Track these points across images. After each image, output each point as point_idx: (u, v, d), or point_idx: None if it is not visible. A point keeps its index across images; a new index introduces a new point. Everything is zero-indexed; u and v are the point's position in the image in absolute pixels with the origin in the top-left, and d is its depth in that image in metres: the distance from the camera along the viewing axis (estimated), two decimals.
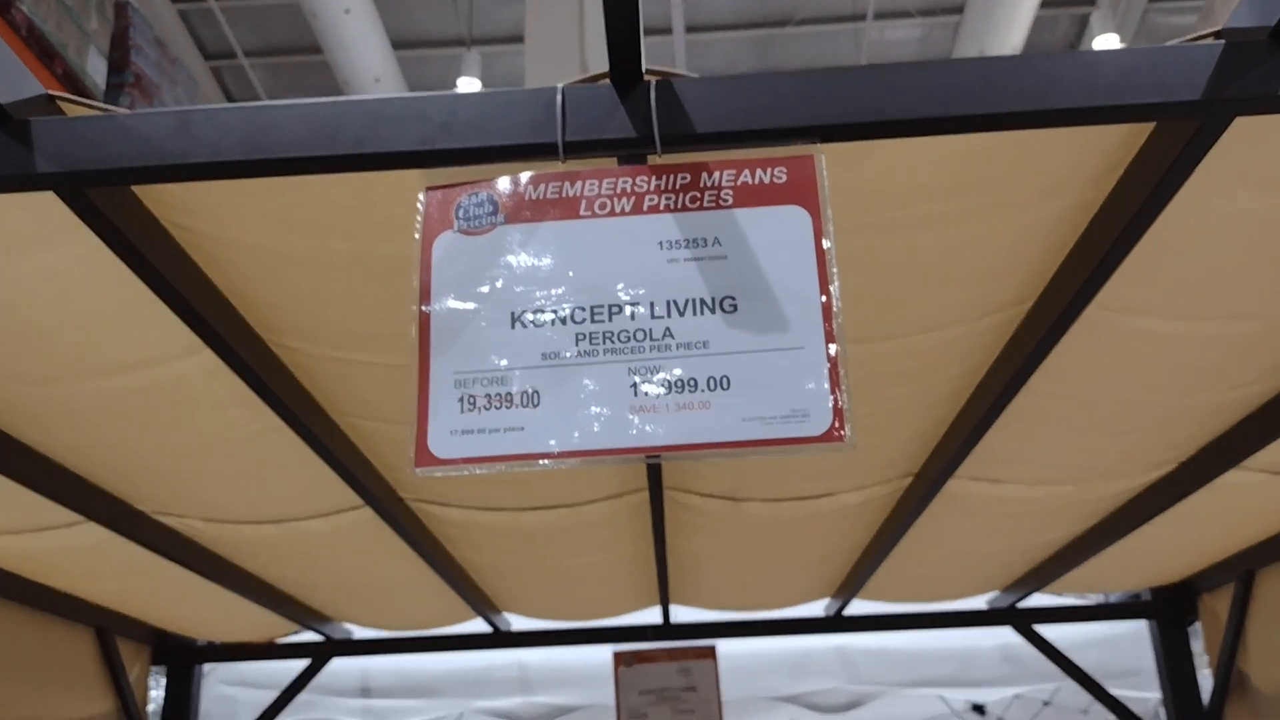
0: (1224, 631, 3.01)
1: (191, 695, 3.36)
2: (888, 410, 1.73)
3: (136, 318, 1.33)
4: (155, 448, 1.74)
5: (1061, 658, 3.27)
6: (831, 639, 3.68)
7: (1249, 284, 1.35)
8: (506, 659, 3.75)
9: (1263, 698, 2.89)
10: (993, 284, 1.35)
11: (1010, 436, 1.90)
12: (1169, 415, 1.78)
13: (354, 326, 1.38)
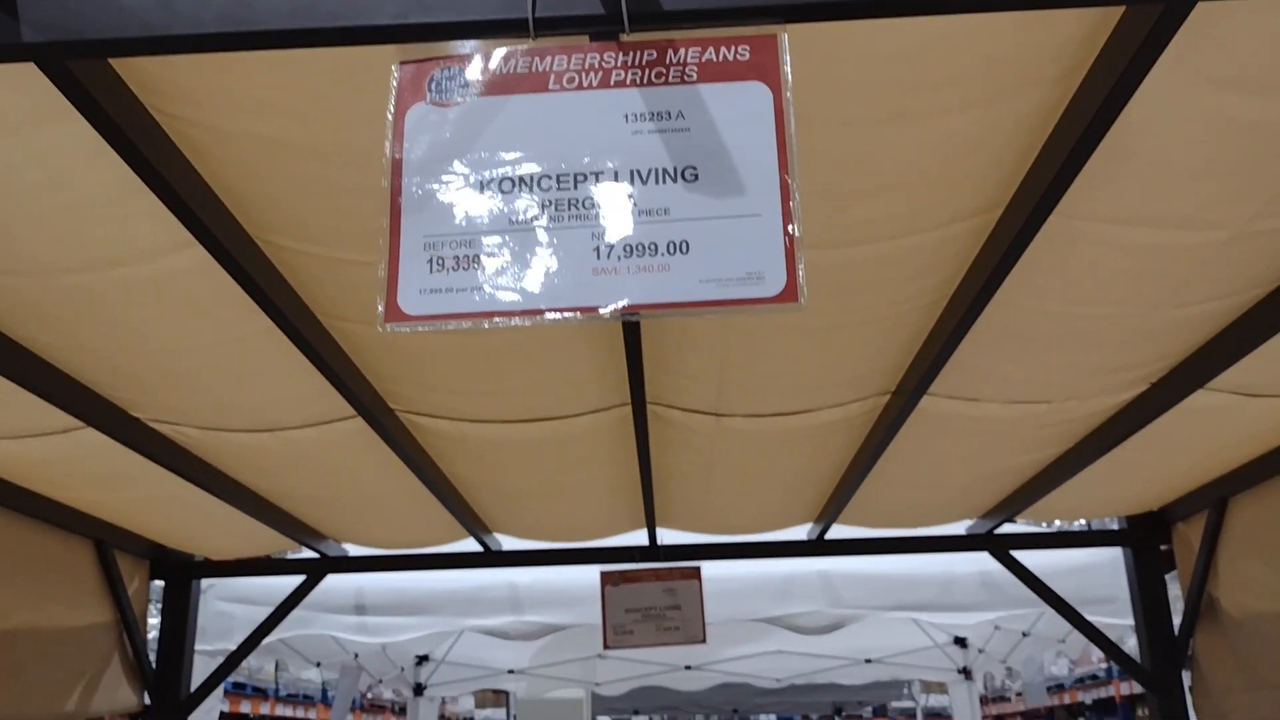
0: (1196, 558, 3.08)
1: (189, 611, 3.44)
2: (863, 321, 1.77)
3: (126, 209, 1.36)
4: (147, 348, 1.78)
5: (1038, 584, 3.34)
6: (814, 564, 3.76)
7: (1216, 189, 1.38)
8: (497, 579, 3.83)
9: (1231, 621, 2.97)
10: (960, 187, 1.38)
11: (984, 352, 1.94)
12: (1136, 330, 1.82)
13: (340, 222, 1.41)
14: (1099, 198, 1.41)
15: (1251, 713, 2.94)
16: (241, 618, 3.64)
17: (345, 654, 5.08)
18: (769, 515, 3.29)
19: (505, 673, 6.71)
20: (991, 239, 1.51)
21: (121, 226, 1.40)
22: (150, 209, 1.36)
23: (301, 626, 3.74)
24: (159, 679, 3.32)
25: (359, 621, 3.80)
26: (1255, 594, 2.83)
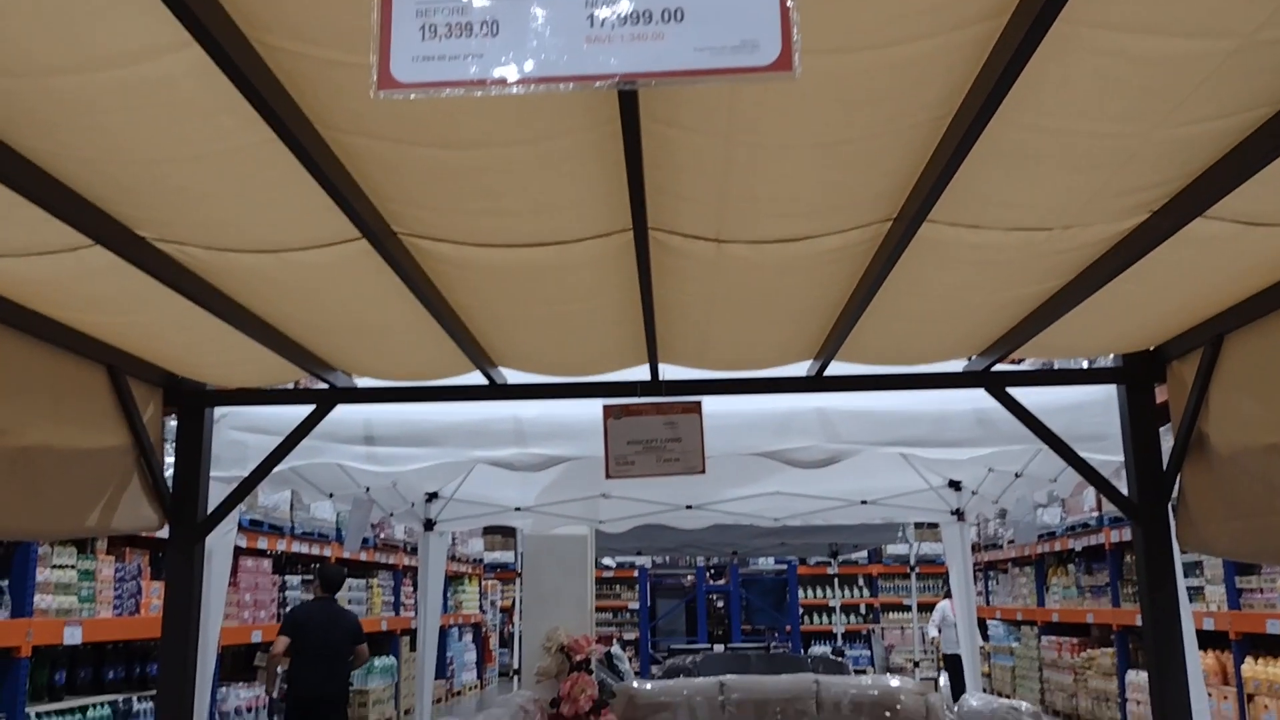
0: (1188, 394, 3.14)
1: (203, 438, 3.53)
2: (866, 135, 1.76)
3: (118, 2, 1.35)
4: (146, 158, 1.79)
5: (1032, 419, 3.41)
6: (812, 401, 3.83)
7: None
8: (503, 413, 3.92)
9: (1218, 457, 3.04)
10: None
11: (985, 176, 1.94)
12: (1138, 151, 1.81)
13: (341, 18, 1.40)
14: (1106, 1, 1.39)
15: (1232, 541, 3.05)
16: (255, 446, 3.74)
17: (357, 487, 5.24)
18: (769, 352, 3.34)
19: (512, 510, 6.93)
20: (998, 47, 1.49)
21: (114, 19, 1.39)
22: (144, 2, 1.35)
23: (313, 455, 3.85)
24: (176, 501, 3.44)
25: (368, 452, 3.91)
26: (1243, 429, 2.89)
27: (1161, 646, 3.20)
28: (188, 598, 3.40)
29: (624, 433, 3.55)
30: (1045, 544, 14.25)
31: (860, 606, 22.27)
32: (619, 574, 21.76)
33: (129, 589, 8.33)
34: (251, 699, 10.57)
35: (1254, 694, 9.43)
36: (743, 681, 6.92)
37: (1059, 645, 14.02)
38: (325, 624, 7.88)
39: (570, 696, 6.33)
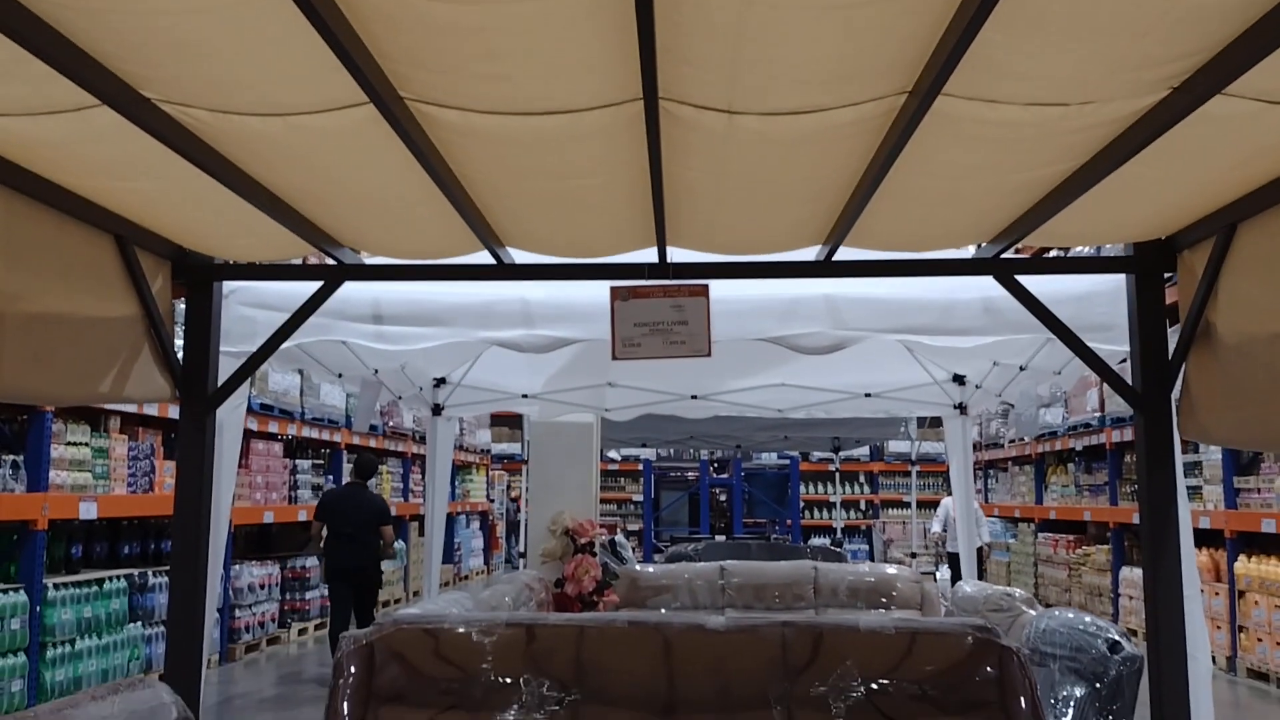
0: (1197, 284, 3.12)
1: (212, 312, 3.55)
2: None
3: None
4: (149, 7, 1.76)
5: (1040, 307, 3.41)
6: (820, 287, 3.82)
7: None
8: (510, 294, 3.92)
9: (1224, 346, 3.05)
10: None
11: (1002, 44, 1.90)
12: (1159, 18, 1.77)
13: None
14: None
15: (1232, 429, 3.08)
16: (264, 322, 3.76)
17: (365, 369, 5.28)
18: (777, 235, 3.32)
19: (519, 397, 7.00)
20: None
21: None
22: None
23: (322, 332, 3.87)
24: (187, 374, 3.47)
25: (377, 330, 3.93)
26: (1251, 317, 2.89)
27: (1158, 536, 3.26)
28: (199, 470, 3.47)
29: (631, 315, 3.55)
30: (1046, 443, 14.38)
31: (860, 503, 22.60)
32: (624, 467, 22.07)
33: (142, 467, 8.48)
34: (264, 576, 10.84)
35: (1245, 590, 9.63)
36: (743, 567, 7.07)
37: (1055, 542, 14.27)
38: (353, 506, 8.64)
39: (574, 577, 6.48)
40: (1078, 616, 4.09)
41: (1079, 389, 12.69)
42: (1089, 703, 3.73)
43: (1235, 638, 9.78)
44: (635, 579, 6.94)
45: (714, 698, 3.44)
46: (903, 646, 3.46)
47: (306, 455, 12.68)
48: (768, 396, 7.07)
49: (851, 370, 6.51)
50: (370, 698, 3.34)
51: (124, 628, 7.97)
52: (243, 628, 10.34)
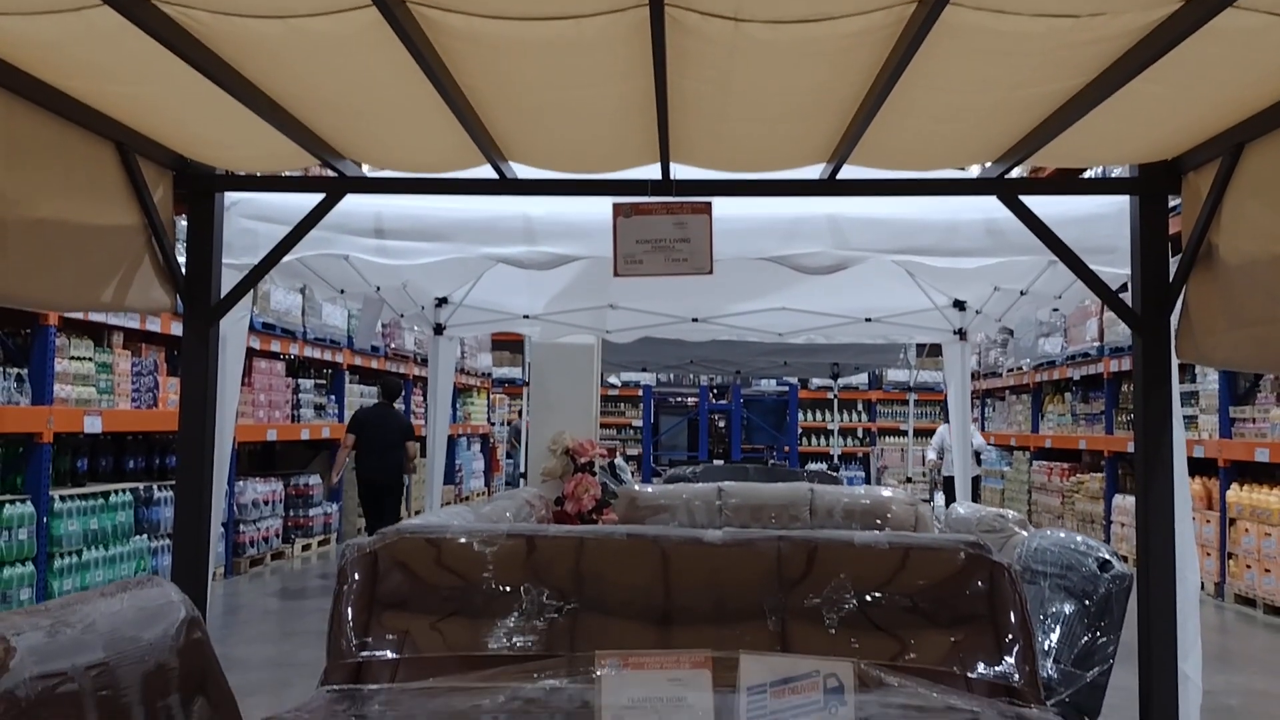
0: (1201, 205, 3.12)
1: (214, 223, 3.55)
2: None
3: None
4: None
5: (1043, 229, 3.40)
6: (823, 207, 3.82)
7: None
8: (513, 210, 3.92)
9: (1225, 267, 3.05)
10: None
11: None
12: None
13: None
14: None
15: (1231, 350, 3.10)
16: (265, 235, 3.76)
17: (367, 285, 5.29)
18: (782, 151, 3.30)
19: (521, 317, 7.01)
20: None
21: None
22: None
23: (324, 246, 3.87)
24: (190, 284, 3.48)
25: (378, 245, 3.93)
26: (1255, 238, 2.89)
27: (1152, 457, 3.29)
28: (203, 382, 3.49)
29: (633, 231, 3.55)
30: (1044, 372, 14.44)
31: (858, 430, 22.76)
32: (624, 392, 22.20)
33: (146, 383, 8.53)
34: (268, 493, 10.98)
35: (1236, 518, 9.75)
36: (740, 488, 7.15)
37: (1049, 470, 14.41)
38: (381, 424, 9.69)
39: (574, 495, 6.57)
40: (1069, 536, 4.15)
41: (1078, 318, 12.71)
42: (1078, 619, 3.81)
43: (1224, 565, 9.94)
44: (634, 498, 7.02)
45: (710, 609, 3.51)
46: (896, 561, 3.53)
47: (309, 375, 12.74)
48: (768, 320, 7.09)
49: (852, 294, 6.52)
50: (373, 603, 3.42)
51: (130, 540, 8.10)
52: (247, 542, 10.50)
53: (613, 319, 7.00)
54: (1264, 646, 8.34)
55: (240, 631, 8.00)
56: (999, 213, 3.56)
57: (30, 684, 1.82)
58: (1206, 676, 6.65)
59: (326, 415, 12.64)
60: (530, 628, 3.41)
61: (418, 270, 5.21)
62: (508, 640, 3.38)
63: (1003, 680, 3.25)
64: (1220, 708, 6.11)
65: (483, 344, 19.91)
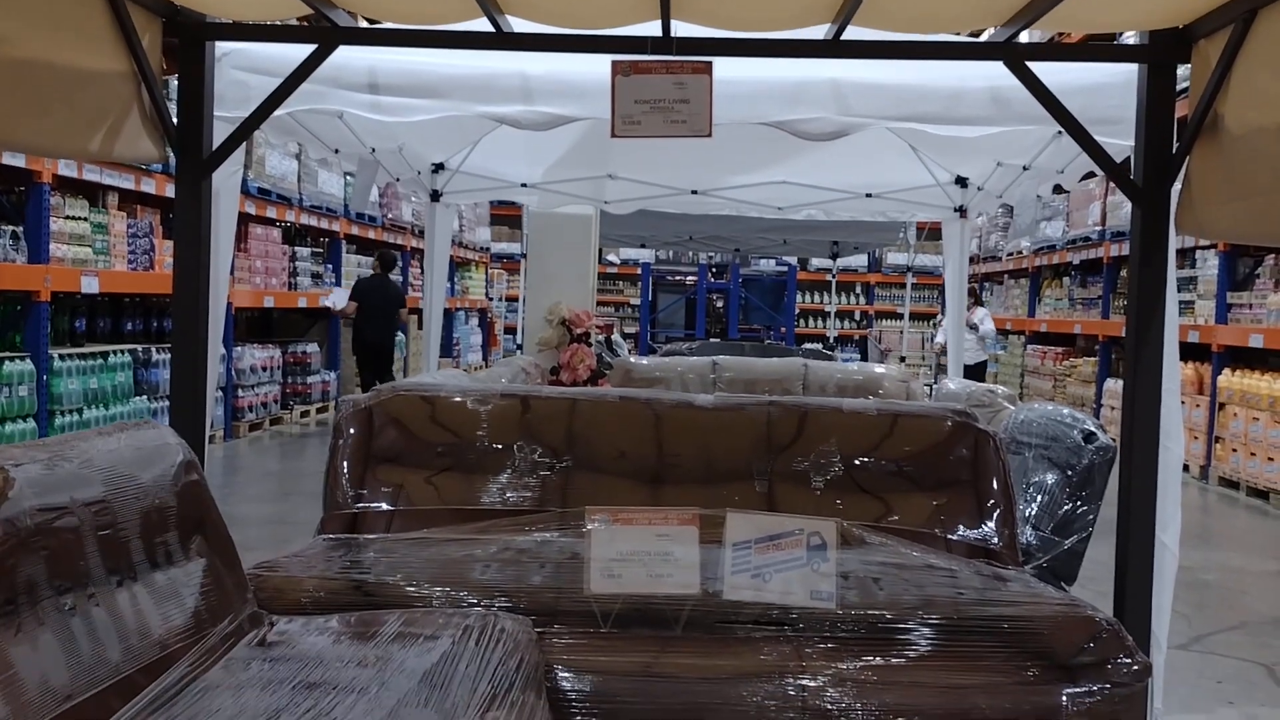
0: (1211, 73, 3.06)
1: (205, 72, 3.48)
2: None
3: None
4: None
5: (1048, 96, 3.34)
6: (826, 71, 3.74)
7: None
8: (509, 68, 3.83)
9: (1230, 137, 3.01)
10: None
11: None
12: None
13: None
14: None
15: (1230, 222, 3.09)
16: (257, 87, 3.68)
17: (362, 146, 5.22)
18: (785, 7, 3.22)
19: (518, 185, 6.95)
20: None
21: None
22: None
23: (317, 100, 3.80)
24: (181, 135, 3.43)
25: (373, 100, 3.86)
26: (1262, 107, 2.84)
27: (1143, 328, 3.30)
28: (196, 236, 3.48)
29: (632, 91, 3.48)
30: (1043, 257, 14.40)
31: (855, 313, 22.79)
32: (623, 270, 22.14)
33: (142, 245, 8.50)
34: (266, 359, 11.05)
35: (1226, 403, 9.86)
36: (735, 362, 7.21)
37: (1043, 354, 14.50)
38: (380, 293, 10.66)
39: (569, 365, 6.63)
40: (1055, 408, 4.21)
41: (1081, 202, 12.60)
42: (1060, 488, 3.89)
43: (1211, 448, 10.09)
44: (629, 370, 7.08)
45: (700, 470, 3.58)
46: (884, 427, 3.59)
47: (305, 243, 12.68)
48: (768, 194, 7.03)
49: (853, 169, 6.45)
50: (368, 458, 3.48)
51: (130, 400, 8.19)
52: (246, 407, 10.62)
53: (611, 189, 6.93)
54: (1244, 527, 8.54)
55: (240, 491, 8.17)
56: (1004, 80, 3.49)
57: (30, 514, 1.87)
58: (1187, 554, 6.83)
59: (324, 284, 12.63)
60: (523, 484, 3.49)
61: (413, 130, 5.15)
62: (501, 496, 3.46)
63: (982, 543, 3.34)
64: (1198, 582, 6.29)
65: (481, 218, 19.76)
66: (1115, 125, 3.61)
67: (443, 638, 2.28)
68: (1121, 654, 2.67)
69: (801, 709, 2.65)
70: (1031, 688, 2.69)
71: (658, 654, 2.78)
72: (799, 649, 2.79)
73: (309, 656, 2.18)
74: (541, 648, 2.64)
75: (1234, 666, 4.78)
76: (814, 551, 2.97)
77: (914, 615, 2.81)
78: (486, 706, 2.07)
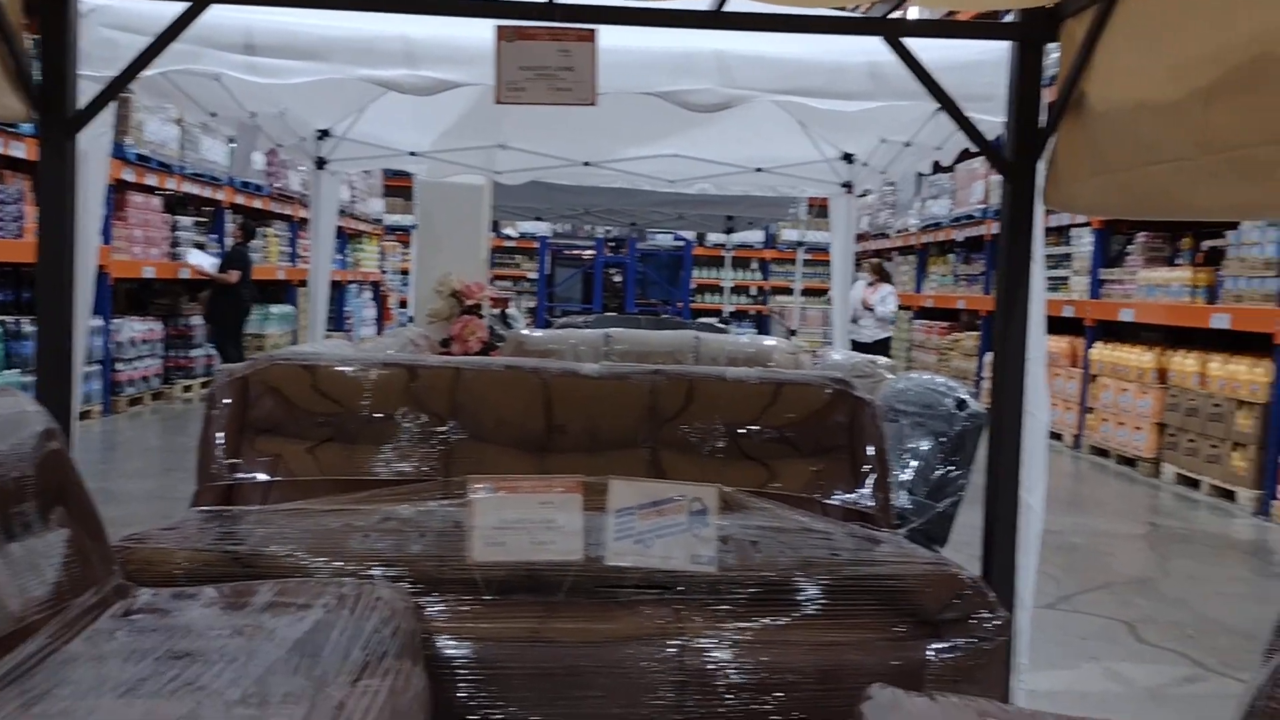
0: (1077, 51, 3.17)
1: (67, 23, 3.33)
2: None
3: None
4: None
5: (922, 72, 3.42)
6: (711, 43, 3.76)
7: None
8: (391, 31, 3.75)
9: (1094, 113, 3.14)
10: None
11: None
12: None
13: None
14: None
15: (1094, 196, 3.22)
16: (126, 45, 3.53)
17: (241, 110, 5.06)
18: None
19: (407, 154, 6.83)
20: None
21: None
22: None
23: (189, 61, 3.67)
24: (43, 93, 3.28)
25: (249, 62, 3.74)
26: (1124, 85, 2.96)
27: (1010, 298, 3.43)
28: (61, 198, 3.33)
29: (516, 57, 3.45)
30: (930, 234, 14.78)
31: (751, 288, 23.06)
32: (521, 244, 21.98)
33: (10, 213, 8.13)
34: (146, 332, 10.68)
35: (1097, 374, 10.30)
36: (628, 334, 7.23)
37: (929, 328, 14.92)
38: (248, 261, 11.47)
39: (460, 337, 6.56)
40: (930, 378, 4.35)
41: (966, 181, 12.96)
42: (933, 454, 4.02)
43: (1083, 418, 10.53)
44: (522, 342, 7.04)
45: (586, 439, 3.60)
46: (766, 395, 3.65)
47: (188, 212, 12.27)
48: (661, 166, 7.05)
49: (744, 144, 6.51)
50: (244, 428, 3.41)
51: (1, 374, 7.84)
52: (125, 381, 10.26)
53: (503, 159, 6.87)
54: (1112, 493, 8.95)
55: (120, 467, 7.90)
56: (882, 56, 3.56)
57: None
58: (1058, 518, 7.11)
59: (208, 255, 12.24)
60: (407, 455, 3.45)
61: (295, 95, 5.02)
62: (384, 466, 3.42)
63: (857, 506, 3.44)
64: (1067, 545, 6.57)
65: (374, 189, 19.36)
66: (988, 102, 3.72)
67: (316, 607, 2.26)
68: (983, 610, 2.79)
69: (681, 669, 2.70)
70: (900, 643, 2.80)
71: (541, 620, 2.80)
72: (679, 612, 2.84)
73: (176, 627, 2.13)
74: (422, 617, 2.64)
75: (1098, 624, 5.02)
76: (695, 517, 3.02)
77: (791, 577, 2.89)
78: (359, 674, 2.06)
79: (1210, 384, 8.59)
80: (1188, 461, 8.73)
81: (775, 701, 2.70)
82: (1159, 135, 2.76)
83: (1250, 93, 2.37)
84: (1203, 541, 7.14)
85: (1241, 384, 8.14)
